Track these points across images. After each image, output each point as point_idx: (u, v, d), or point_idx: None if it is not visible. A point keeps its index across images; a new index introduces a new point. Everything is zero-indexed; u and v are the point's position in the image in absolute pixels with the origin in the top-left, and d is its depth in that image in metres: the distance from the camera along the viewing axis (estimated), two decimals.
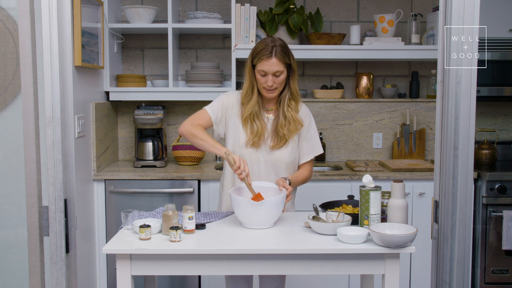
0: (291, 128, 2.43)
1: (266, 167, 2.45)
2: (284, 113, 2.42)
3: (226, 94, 2.51)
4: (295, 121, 2.43)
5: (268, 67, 2.33)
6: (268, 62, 2.32)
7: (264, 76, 2.36)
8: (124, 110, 3.79)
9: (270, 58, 2.32)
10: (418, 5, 3.83)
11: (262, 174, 2.45)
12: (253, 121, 2.41)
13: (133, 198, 3.24)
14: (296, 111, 2.45)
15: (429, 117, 3.85)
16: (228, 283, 2.57)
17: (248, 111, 2.41)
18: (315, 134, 2.54)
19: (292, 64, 2.40)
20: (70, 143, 1.93)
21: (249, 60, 2.42)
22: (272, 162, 2.45)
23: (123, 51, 3.81)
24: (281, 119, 2.43)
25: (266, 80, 2.35)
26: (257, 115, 2.42)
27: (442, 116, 1.86)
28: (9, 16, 2.15)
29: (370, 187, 2.11)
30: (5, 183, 2.17)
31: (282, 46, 2.37)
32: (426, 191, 3.28)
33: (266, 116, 2.47)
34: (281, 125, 2.42)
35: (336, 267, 2.04)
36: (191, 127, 2.42)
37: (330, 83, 3.90)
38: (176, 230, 2.02)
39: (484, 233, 3.27)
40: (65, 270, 1.91)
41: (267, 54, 2.32)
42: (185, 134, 2.43)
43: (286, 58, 2.36)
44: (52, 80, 1.87)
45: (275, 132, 2.44)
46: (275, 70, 2.33)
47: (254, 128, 2.41)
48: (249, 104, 2.41)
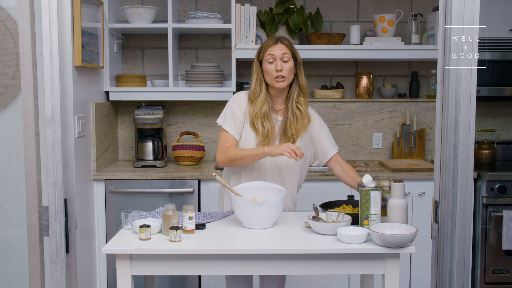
0: (299, 126, 2.44)
1: (271, 169, 2.46)
2: (293, 110, 2.43)
3: (233, 99, 2.50)
4: (303, 116, 2.44)
5: (275, 51, 2.39)
6: (275, 47, 2.40)
7: (272, 63, 2.39)
8: (124, 110, 3.79)
9: (276, 44, 2.41)
10: (418, 5, 3.83)
11: (267, 176, 2.45)
12: (264, 120, 2.41)
13: (133, 198, 3.24)
14: (306, 105, 2.47)
15: (429, 117, 3.85)
16: (229, 283, 2.57)
17: (258, 107, 2.40)
18: (329, 134, 2.59)
19: (298, 57, 2.46)
20: (70, 143, 1.93)
21: (256, 57, 2.46)
22: (276, 164, 2.45)
23: (123, 51, 3.81)
24: (289, 117, 2.43)
25: (275, 65, 2.38)
26: (267, 115, 2.42)
27: (442, 116, 1.86)
28: (9, 16, 2.15)
29: (370, 187, 2.11)
30: (5, 183, 2.17)
31: (287, 39, 2.46)
32: (426, 191, 3.28)
33: (275, 117, 2.47)
34: (290, 123, 2.43)
35: (336, 267, 2.04)
36: (224, 155, 2.40)
37: (330, 83, 3.90)
38: (176, 230, 2.02)
39: (484, 233, 3.27)
40: (65, 270, 1.91)
41: (273, 41, 2.42)
42: (225, 164, 2.43)
43: (291, 47, 2.43)
44: (52, 80, 1.87)
45: (283, 133, 2.45)
46: (282, 53, 2.39)
47: (264, 128, 2.40)
48: (258, 100, 2.42)
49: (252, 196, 2.31)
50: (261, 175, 2.45)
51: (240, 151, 2.38)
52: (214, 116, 3.79)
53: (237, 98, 2.49)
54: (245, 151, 2.37)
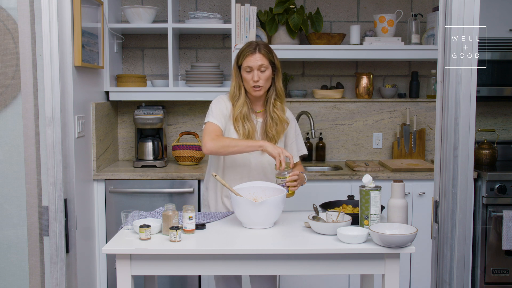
0: (279, 129, 2.51)
1: (257, 169, 2.51)
2: (270, 114, 2.50)
3: (215, 101, 2.53)
4: (281, 121, 2.52)
5: (253, 62, 2.42)
6: (253, 57, 2.42)
7: (249, 72, 2.44)
8: (124, 110, 3.79)
9: (254, 54, 2.43)
10: (418, 5, 3.83)
11: (253, 175, 2.50)
12: (244, 122, 2.47)
13: (133, 198, 3.24)
14: (282, 110, 2.53)
15: (429, 117, 3.85)
16: (219, 282, 2.59)
17: (238, 110, 2.47)
18: (300, 136, 2.66)
19: (276, 63, 2.49)
20: (70, 143, 1.93)
21: (235, 62, 2.51)
22: (262, 163, 2.51)
23: (123, 51, 3.81)
24: (268, 120, 2.51)
25: (252, 76, 2.43)
26: (247, 116, 2.48)
27: (442, 116, 1.86)
28: (9, 16, 2.15)
29: (370, 187, 2.11)
30: (5, 183, 2.17)
31: (265, 45, 2.49)
32: (426, 191, 3.28)
33: (255, 118, 2.54)
34: (269, 126, 2.50)
35: (336, 267, 2.04)
36: (214, 141, 2.36)
37: (330, 83, 3.90)
38: (176, 230, 2.02)
39: (484, 233, 3.27)
40: (65, 270, 1.91)
41: (251, 50, 2.44)
42: (215, 150, 2.37)
43: (269, 55, 2.46)
44: (52, 80, 1.87)
45: (264, 134, 2.51)
46: (259, 64, 2.42)
47: (245, 128, 2.46)
48: (238, 103, 2.48)
49: (252, 196, 2.31)
50: (245, 172, 2.50)
51: (234, 139, 2.39)
52: None
53: (220, 99, 2.54)
54: (240, 140, 2.39)
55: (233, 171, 2.51)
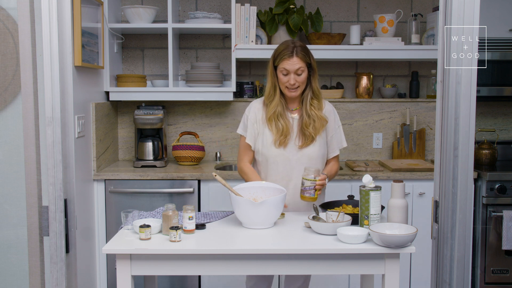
0: (317, 126, 2.50)
1: (298, 165, 2.50)
2: (307, 112, 2.50)
3: (248, 108, 2.60)
4: (319, 119, 2.51)
5: (290, 66, 2.42)
6: (290, 61, 2.42)
7: (286, 75, 2.45)
8: (124, 110, 3.79)
9: (291, 57, 2.42)
10: (418, 5, 3.83)
11: (294, 173, 2.51)
12: (278, 120, 2.49)
13: (133, 198, 3.24)
14: (319, 109, 2.53)
15: (429, 117, 3.85)
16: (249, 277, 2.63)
17: (272, 110, 2.49)
18: (340, 129, 2.63)
19: (313, 64, 2.50)
20: (70, 143, 1.93)
21: (271, 61, 2.51)
22: (301, 160, 2.51)
23: (123, 51, 3.81)
24: (305, 118, 2.50)
25: (288, 79, 2.44)
26: (281, 114, 2.49)
27: (442, 116, 1.86)
28: (9, 16, 2.15)
29: (370, 187, 2.11)
30: (5, 183, 2.17)
31: (303, 47, 2.48)
32: (426, 191, 3.28)
33: (291, 116, 2.54)
34: (306, 124, 2.49)
35: (336, 267, 2.04)
36: (239, 167, 2.62)
37: (330, 83, 3.90)
38: (176, 230, 2.02)
39: (484, 233, 3.27)
40: (65, 270, 1.91)
41: (289, 53, 2.43)
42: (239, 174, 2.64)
43: (306, 57, 2.46)
44: (52, 80, 1.87)
45: (301, 132, 2.51)
46: (296, 68, 2.42)
47: (279, 126, 2.48)
48: (272, 103, 2.50)
49: (252, 196, 2.31)
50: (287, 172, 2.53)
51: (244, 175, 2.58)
52: (214, 116, 3.79)
53: (253, 106, 2.59)
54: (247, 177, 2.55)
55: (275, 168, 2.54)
